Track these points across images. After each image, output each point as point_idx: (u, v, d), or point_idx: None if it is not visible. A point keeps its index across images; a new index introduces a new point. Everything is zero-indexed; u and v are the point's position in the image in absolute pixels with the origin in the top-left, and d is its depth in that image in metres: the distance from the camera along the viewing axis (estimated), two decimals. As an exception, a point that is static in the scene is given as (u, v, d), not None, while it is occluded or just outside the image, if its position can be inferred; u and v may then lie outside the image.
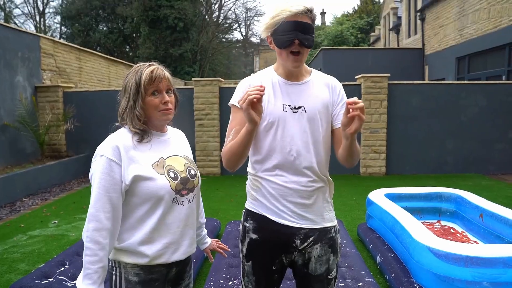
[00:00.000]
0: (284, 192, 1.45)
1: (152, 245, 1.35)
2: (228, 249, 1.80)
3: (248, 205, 1.56)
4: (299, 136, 1.45)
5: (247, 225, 1.53)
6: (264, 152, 1.47)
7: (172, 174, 1.38)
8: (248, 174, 1.57)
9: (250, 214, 1.53)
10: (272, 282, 1.53)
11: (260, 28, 1.47)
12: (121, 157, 1.32)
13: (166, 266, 1.40)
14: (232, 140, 1.45)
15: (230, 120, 1.52)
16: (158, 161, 1.38)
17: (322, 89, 1.52)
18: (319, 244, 1.49)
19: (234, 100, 1.49)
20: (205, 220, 1.73)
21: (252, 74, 1.58)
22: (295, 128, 1.44)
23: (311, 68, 1.57)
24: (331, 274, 1.52)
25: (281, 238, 1.46)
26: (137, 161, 1.34)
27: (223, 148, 1.48)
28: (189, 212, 1.43)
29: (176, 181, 1.38)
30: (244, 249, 1.54)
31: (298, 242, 1.47)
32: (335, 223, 1.56)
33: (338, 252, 1.55)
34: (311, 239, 1.47)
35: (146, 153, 1.37)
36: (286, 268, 1.57)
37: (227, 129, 1.51)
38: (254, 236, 1.50)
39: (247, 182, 1.59)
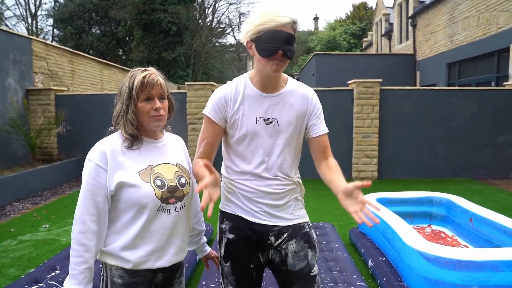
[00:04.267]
0: (257, 195, 1.49)
1: (135, 251, 1.36)
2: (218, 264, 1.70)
3: (223, 206, 1.59)
4: (271, 148, 1.49)
5: (223, 226, 1.56)
6: (236, 162, 1.52)
7: (158, 182, 1.37)
8: (222, 176, 1.59)
9: (225, 216, 1.56)
10: (252, 282, 1.55)
11: (241, 33, 1.46)
12: (107, 162, 1.33)
13: (151, 271, 1.40)
14: (202, 153, 1.52)
15: (202, 129, 1.54)
16: (146, 168, 1.38)
17: (296, 100, 1.52)
18: (294, 240, 1.52)
19: (207, 110, 1.51)
20: (204, 228, 1.73)
21: (227, 81, 1.59)
22: (268, 141, 1.48)
23: (287, 76, 1.57)
24: (313, 271, 1.54)
25: (255, 235, 1.50)
26: (124, 167, 1.35)
27: (194, 163, 1.51)
28: (177, 221, 1.42)
29: (163, 189, 1.37)
30: (222, 250, 1.56)
31: (272, 239, 1.50)
32: (307, 219, 1.61)
33: (315, 247, 1.57)
34: (285, 235, 1.51)
35: (134, 159, 1.38)
36: (263, 268, 1.58)
37: (199, 138, 1.54)
38: (230, 236, 1.53)
39: (221, 184, 1.59)
